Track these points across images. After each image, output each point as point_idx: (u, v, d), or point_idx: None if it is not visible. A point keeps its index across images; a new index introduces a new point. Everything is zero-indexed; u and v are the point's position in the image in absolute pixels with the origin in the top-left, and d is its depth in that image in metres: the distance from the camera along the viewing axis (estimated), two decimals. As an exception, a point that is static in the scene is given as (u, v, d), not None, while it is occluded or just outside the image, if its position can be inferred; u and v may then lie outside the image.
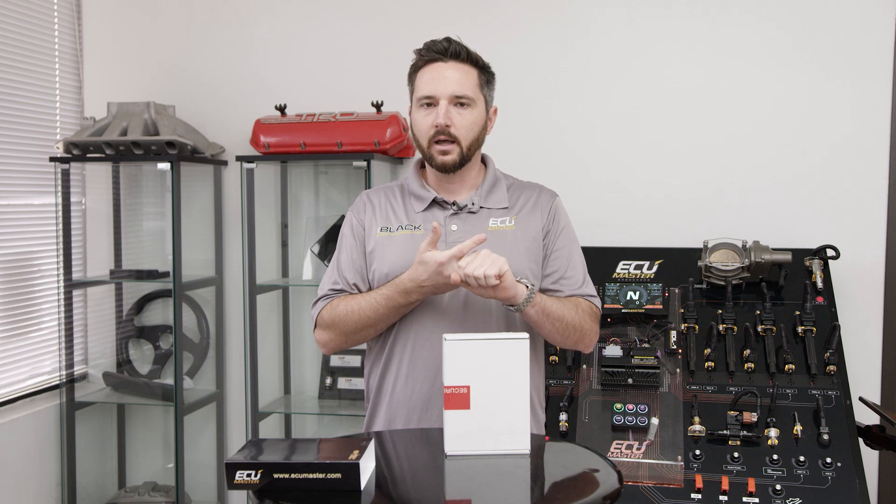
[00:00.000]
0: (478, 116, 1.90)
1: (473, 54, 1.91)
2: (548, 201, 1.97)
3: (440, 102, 1.86)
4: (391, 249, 1.89)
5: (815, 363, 2.45)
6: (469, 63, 1.89)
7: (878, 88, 2.80)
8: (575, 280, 1.93)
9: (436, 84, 1.86)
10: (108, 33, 3.40)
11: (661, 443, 2.36)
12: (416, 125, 1.91)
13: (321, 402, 3.17)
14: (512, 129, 3.01)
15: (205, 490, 3.39)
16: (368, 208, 1.97)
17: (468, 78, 1.88)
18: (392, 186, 2.02)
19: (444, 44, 1.88)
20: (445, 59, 1.87)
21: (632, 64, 2.97)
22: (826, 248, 2.68)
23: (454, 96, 1.86)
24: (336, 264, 1.97)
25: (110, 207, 3.38)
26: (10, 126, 3.08)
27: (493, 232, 1.89)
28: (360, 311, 1.85)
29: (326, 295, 1.94)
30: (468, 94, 1.87)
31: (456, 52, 1.88)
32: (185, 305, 3.28)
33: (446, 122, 1.85)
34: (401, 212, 1.95)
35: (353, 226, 1.97)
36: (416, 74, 1.92)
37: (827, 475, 2.24)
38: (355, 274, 1.93)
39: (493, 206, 1.93)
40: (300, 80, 3.23)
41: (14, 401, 3.06)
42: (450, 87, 1.85)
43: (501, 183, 1.98)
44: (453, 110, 1.86)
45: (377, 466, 1.50)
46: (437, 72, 1.87)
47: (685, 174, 2.94)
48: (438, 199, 1.93)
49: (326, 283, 1.96)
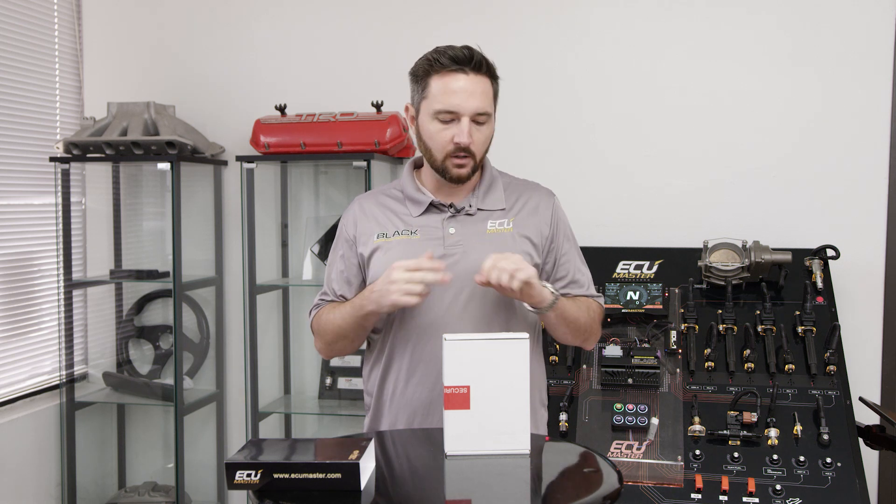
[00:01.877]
0: (491, 130, 1.88)
1: (491, 65, 1.85)
2: (547, 204, 1.97)
3: (462, 120, 1.80)
4: (389, 255, 1.87)
5: (815, 363, 2.45)
6: (488, 75, 1.83)
7: (878, 88, 2.80)
8: (583, 283, 1.97)
9: (459, 99, 1.79)
10: (108, 33, 3.40)
11: (661, 443, 2.36)
12: (431, 137, 1.84)
13: (321, 402, 3.17)
14: (511, 129, 3.01)
15: (205, 490, 3.39)
16: (361, 215, 1.95)
17: (488, 92, 1.83)
18: (386, 189, 2.00)
19: (465, 52, 1.80)
20: (467, 72, 1.80)
21: (632, 64, 2.97)
22: (826, 248, 2.68)
23: (476, 114, 1.80)
24: (326, 274, 2.00)
25: (110, 207, 3.38)
26: (10, 126, 3.08)
27: (492, 235, 1.88)
28: (333, 321, 1.88)
29: (317, 304, 1.99)
30: (489, 110, 1.83)
31: (479, 63, 1.80)
32: (185, 305, 3.28)
33: (469, 142, 1.81)
34: (396, 217, 1.93)
35: (344, 235, 1.97)
36: (428, 79, 1.82)
37: (827, 475, 2.24)
38: (342, 285, 1.95)
39: (491, 208, 1.92)
40: (300, 80, 3.23)
41: (14, 401, 3.06)
42: (473, 103, 1.79)
43: (498, 183, 1.97)
44: (473, 127, 1.81)
45: (377, 466, 1.50)
46: (459, 85, 1.79)
47: (685, 174, 2.94)
48: (435, 203, 1.90)
49: (319, 293, 2.01)
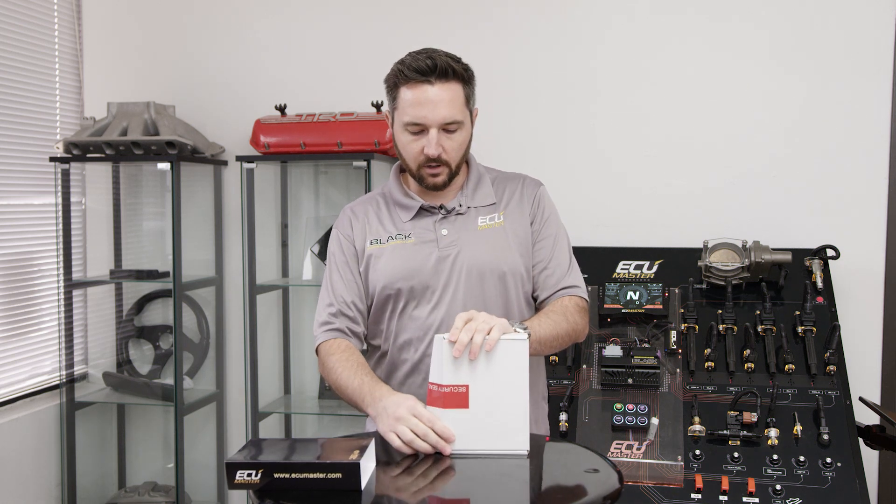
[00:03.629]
0: (466, 135, 1.85)
1: (458, 68, 1.79)
2: (532, 190, 1.95)
3: (430, 131, 1.78)
4: (383, 261, 1.87)
5: (815, 363, 2.45)
6: (455, 79, 1.79)
7: (878, 88, 2.80)
8: (560, 270, 1.90)
9: (425, 111, 1.77)
10: (108, 33, 3.40)
11: (661, 443, 2.36)
12: (403, 148, 1.84)
13: (321, 402, 3.17)
14: (511, 129, 3.01)
15: (205, 490, 3.39)
16: (355, 223, 1.93)
17: (456, 99, 1.79)
18: (374, 196, 1.98)
19: (428, 62, 1.76)
20: (433, 82, 1.76)
21: (632, 64, 2.97)
22: (826, 248, 2.68)
23: (444, 123, 1.78)
24: (329, 286, 1.91)
25: (110, 207, 3.38)
26: (10, 126, 3.08)
27: (484, 230, 1.88)
28: (337, 378, 1.81)
29: (327, 322, 1.89)
30: (458, 118, 1.79)
31: (443, 70, 1.76)
32: (185, 305, 3.28)
33: (438, 153, 1.80)
34: (388, 222, 1.91)
35: (341, 243, 1.92)
36: (397, 91, 1.80)
37: (827, 475, 2.24)
38: (350, 292, 1.90)
39: (481, 204, 1.91)
40: (300, 79, 3.23)
41: (14, 401, 3.06)
42: (439, 114, 1.77)
43: (485, 178, 1.96)
44: (443, 136, 1.79)
45: (377, 466, 1.50)
46: (424, 95, 1.76)
47: (685, 174, 2.94)
48: (425, 206, 1.89)
49: (322, 308, 1.91)
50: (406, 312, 1.87)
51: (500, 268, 1.86)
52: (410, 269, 1.85)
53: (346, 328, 1.89)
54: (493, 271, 1.86)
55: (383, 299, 1.88)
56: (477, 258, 1.85)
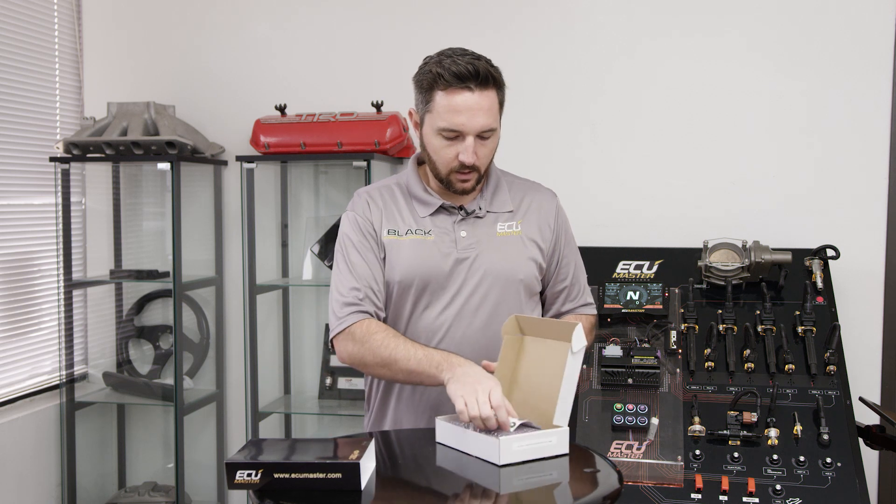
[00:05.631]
0: (496, 141, 1.85)
1: (497, 74, 1.79)
2: (550, 206, 1.97)
3: (467, 139, 1.76)
4: (402, 255, 1.84)
5: (815, 363, 2.45)
6: (493, 86, 1.77)
7: (878, 89, 2.80)
8: (580, 288, 2.02)
9: (464, 118, 1.75)
10: (108, 33, 3.40)
11: (661, 443, 2.36)
12: (435, 151, 1.81)
13: (321, 402, 3.17)
14: (511, 129, 3.00)
15: (205, 490, 3.39)
16: (373, 206, 1.88)
17: (493, 106, 1.78)
18: (390, 185, 1.94)
19: (471, 69, 1.73)
20: (472, 89, 1.74)
21: (632, 64, 2.97)
22: (826, 248, 2.67)
23: (482, 131, 1.77)
24: (348, 268, 1.83)
25: (110, 207, 3.38)
26: (10, 126, 3.08)
27: (502, 238, 1.89)
28: (392, 350, 1.73)
29: (354, 303, 1.80)
30: (494, 125, 1.79)
31: (485, 78, 1.74)
32: (185, 305, 3.28)
33: (474, 160, 1.79)
34: (406, 214, 1.88)
35: (359, 224, 1.86)
36: (433, 93, 1.77)
37: (827, 475, 2.24)
38: (375, 274, 1.83)
39: (499, 210, 1.91)
40: (300, 79, 3.23)
41: (14, 401, 3.06)
42: (478, 122, 1.75)
43: (503, 183, 1.96)
44: (478, 143, 1.78)
45: (378, 466, 1.50)
46: (464, 103, 1.74)
47: (685, 174, 2.94)
48: (446, 205, 1.88)
49: (344, 289, 1.81)
50: (417, 310, 1.85)
51: (516, 276, 1.87)
52: (428, 267, 1.83)
53: (374, 312, 1.82)
54: (510, 279, 1.86)
55: (397, 293, 1.85)
56: (494, 264, 1.86)
